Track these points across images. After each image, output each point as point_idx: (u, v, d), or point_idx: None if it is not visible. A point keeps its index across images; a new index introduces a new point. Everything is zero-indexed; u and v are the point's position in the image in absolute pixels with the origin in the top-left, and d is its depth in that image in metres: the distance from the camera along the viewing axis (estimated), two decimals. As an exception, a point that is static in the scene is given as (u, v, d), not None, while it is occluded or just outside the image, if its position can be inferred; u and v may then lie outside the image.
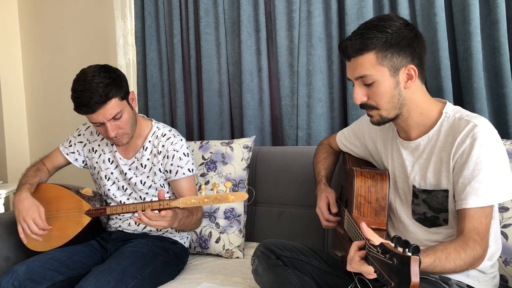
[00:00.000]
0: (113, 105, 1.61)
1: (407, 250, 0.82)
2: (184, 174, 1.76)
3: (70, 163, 1.95)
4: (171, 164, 1.76)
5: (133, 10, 2.51)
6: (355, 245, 1.04)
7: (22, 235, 1.65)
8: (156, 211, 1.47)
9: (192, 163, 1.80)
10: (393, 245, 0.86)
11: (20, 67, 3.16)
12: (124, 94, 1.66)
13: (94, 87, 1.57)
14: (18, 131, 3.15)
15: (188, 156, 1.78)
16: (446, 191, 1.23)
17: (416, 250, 0.81)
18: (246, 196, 1.33)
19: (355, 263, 1.01)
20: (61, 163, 1.94)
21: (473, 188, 1.15)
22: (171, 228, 1.57)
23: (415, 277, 0.78)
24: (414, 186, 1.30)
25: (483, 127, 1.17)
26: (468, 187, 1.16)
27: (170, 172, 1.76)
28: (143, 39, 2.48)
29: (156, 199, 1.83)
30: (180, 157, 1.76)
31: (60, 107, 3.03)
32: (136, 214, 1.69)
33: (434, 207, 1.26)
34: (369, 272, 0.98)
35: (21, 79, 3.16)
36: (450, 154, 1.20)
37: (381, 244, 0.89)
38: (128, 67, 2.67)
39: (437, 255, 1.06)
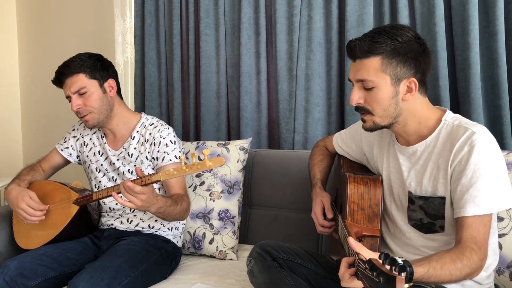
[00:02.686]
0: (79, 80, 1.72)
1: (394, 268, 0.83)
2: (170, 160, 1.75)
3: (66, 162, 1.98)
4: (158, 151, 1.76)
5: (133, 9, 2.50)
6: (344, 261, 1.04)
7: (28, 221, 1.70)
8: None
9: (179, 151, 1.79)
10: (381, 261, 0.87)
11: (16, 62, 3.13)
12: (97, 76, 1.75)
13: (70, 61, 1.75)
14: (11, 126, 3.12)
15: (175, 144, 1.79)
16: (443, 198, 1.24)
17: (402, 269, 0.82)
18: (224, 160, 1.34)
19: (345, 281, 1.02)
20: (57, 162, 1.97)
21: (471, 196, 1.15)
22: (151, 213, 1.55)
23: None
24: (410, 192, 1.30)
25: (481, 134, 1.17)
26: (466, 195, 1.16)
27: (157, 159, 1.77)
28: (142, 38, 2.47)
29: None
30: (166, 144, 1.76)
31: (55, 103, 3.00)
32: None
33: (431, 213, 1.26)
34: (359, 287, 0.98)
35: (16, 75, 3.14)
36: (448, 161, 1.21)
37: (369, 261, 0.90)
38: (126, 65, 2.65)
39: (432, 264, 1.05)
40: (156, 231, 1.82)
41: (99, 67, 1.76)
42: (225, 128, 2.34)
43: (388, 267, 0.84)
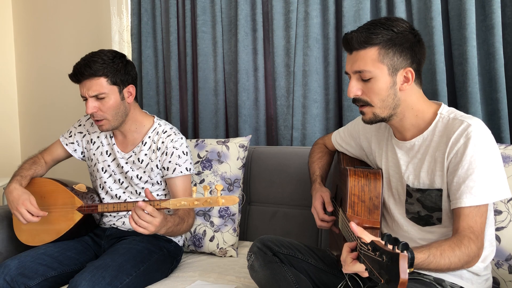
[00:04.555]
0: (99, 84, 1.64)
1: (396, 247, 0.84)
2: (181, 172, 1.75)
3: (69, 155, 1.94)
4: (169, 162, 1.75)
5: (130, 7, 2.50)
6: (347, 246, 1.05)
7: (24, 222, 1.67)
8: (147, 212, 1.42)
9: (190, 163, 1.79)
10: (383, 242, 0.88)
11: (13, 61, 3.12)
12: (118, 81, 1.68)
13: (92, 61, 1.63)
14: (9, 125, 3.11)
15: (187, 155, 1.77)
16: (440, 190, 1.25)
17: (405, 247, 0.83)
18: (237, 200, 1.32)
19: (347, 265, 1.02)
20: (60, 155, 1.93)
21: (468, 187, 1.17)
22: (161, 234, 1.55)
23: (403, 274, 0.80)
24: (408, 186, 1.32)
25: (476, 126, 1.19)
26: (462, 186, 1.18)
27: (167, 170, 1.75)
28: (139, 36, 2.47)
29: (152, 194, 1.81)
30: (179, 155, 1.75)
31: (52, 102, 3.00)
32: (130, 213, 1.68)
33: (428, 206, 1.28)
34: (361, 270, 0.99)
35: (13, 73, 3.13)
36: (445, 153, 1.22)
37: (372, 242, 0.91)
38: (123, 63, 2.65)
39: (432, 251, 1.07)
40: (158, 231, 1.82)
41: (122, 71, 1.69)
42: (223, 125, 2.34)
43: (390, 246, 0.85)
